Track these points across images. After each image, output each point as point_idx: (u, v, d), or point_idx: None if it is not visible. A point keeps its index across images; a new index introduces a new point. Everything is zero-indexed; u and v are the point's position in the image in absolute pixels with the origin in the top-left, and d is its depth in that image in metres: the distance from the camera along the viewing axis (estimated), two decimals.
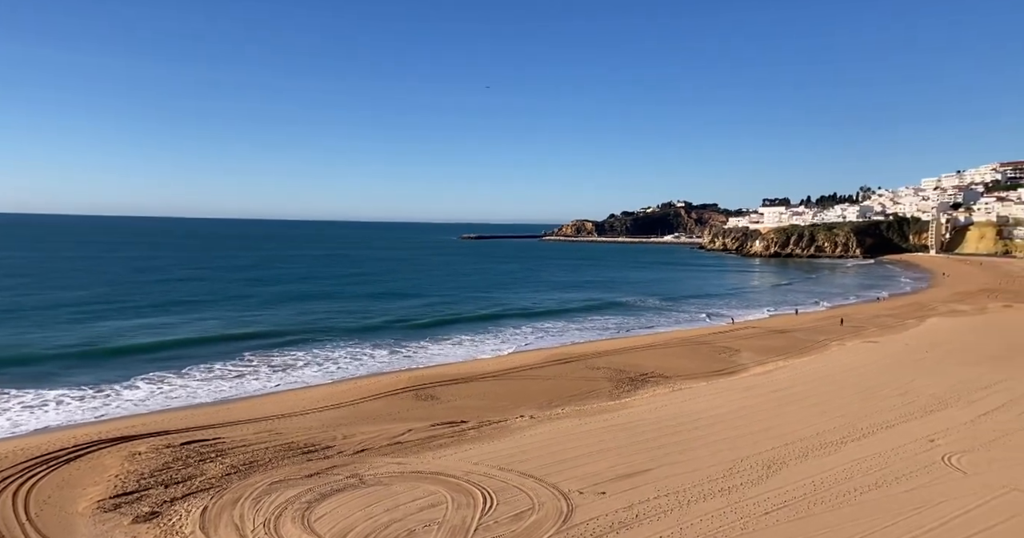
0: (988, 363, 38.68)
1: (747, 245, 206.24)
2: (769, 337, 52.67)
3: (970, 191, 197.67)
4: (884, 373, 36.66)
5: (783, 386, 34.11)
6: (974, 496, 18.76)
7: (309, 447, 24.39)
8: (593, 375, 38.45)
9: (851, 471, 20.99)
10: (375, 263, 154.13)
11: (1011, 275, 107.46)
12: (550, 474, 20.96)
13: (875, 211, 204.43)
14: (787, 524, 17.10)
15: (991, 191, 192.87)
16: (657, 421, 27.46)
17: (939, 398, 30.58)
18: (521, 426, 27.35)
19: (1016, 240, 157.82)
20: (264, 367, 42.10)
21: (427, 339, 54.20)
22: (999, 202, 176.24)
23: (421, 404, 32.13)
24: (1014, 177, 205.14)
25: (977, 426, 25.98)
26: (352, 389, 35.42)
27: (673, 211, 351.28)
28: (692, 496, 19.05)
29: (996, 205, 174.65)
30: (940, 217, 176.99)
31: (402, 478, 20.75)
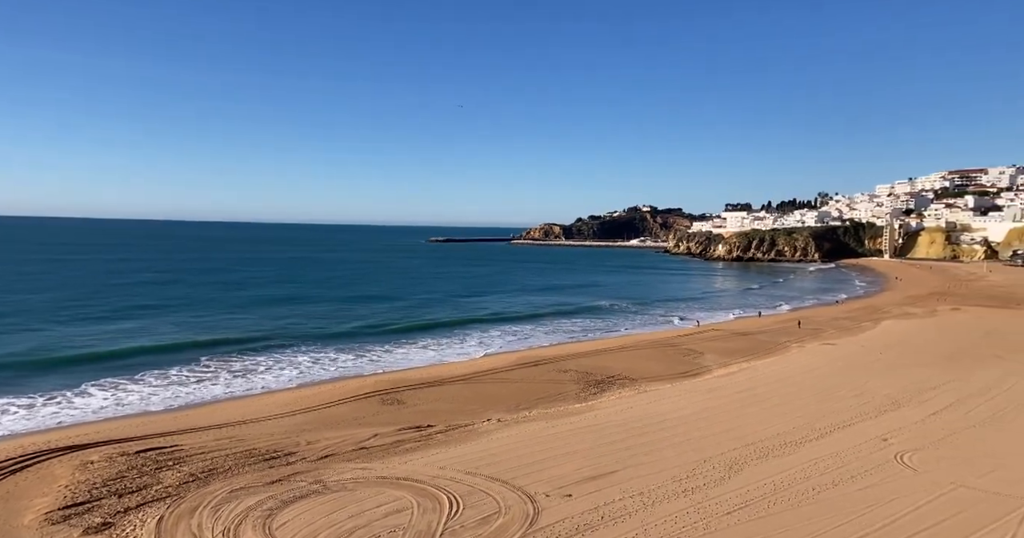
0: (938, 364, 40.21)
1: (711, 249, 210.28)
2: (732, 339, 53.76)
3: (921, 198, 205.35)
4: (841, 374, 37.78)
5: (745, 387, 34.85)
6: (924, 493, 19.47)
7: (271, 453, 23.92)
8: (561, 378, 38.66)
9: (809, 471, 21.57)
10: (342, 266, 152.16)
11: (959, 279, 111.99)
12: (517, 477, 20.99)
13: (832, 216, 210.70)
14: (747, 524, 17.47)
15: (940, 198, 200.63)
16: (623, 423, 27.76)
17: (892, 398, 31.65)
18: (489, 430, 27.32)
19: (963, 245, 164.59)
20: (224, 373, 41.09)
21: (394, 343, 53.71)
22: (947, 209, 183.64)
23: (388, 408, 31.83)
24: (960, 185, 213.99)
25: (927, 425, 26.98)
26: (317, 394, 34.87)
27: (639, 215, 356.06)
28: (656, 497, 19.32)
29: (945, 211, 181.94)
30: (893, 223, 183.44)
31: (367, 484, 20.51)
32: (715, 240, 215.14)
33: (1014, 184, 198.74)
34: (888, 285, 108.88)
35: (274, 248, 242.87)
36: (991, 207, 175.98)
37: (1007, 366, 39.24)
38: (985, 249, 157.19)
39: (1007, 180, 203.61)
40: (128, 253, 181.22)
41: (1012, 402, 30.74)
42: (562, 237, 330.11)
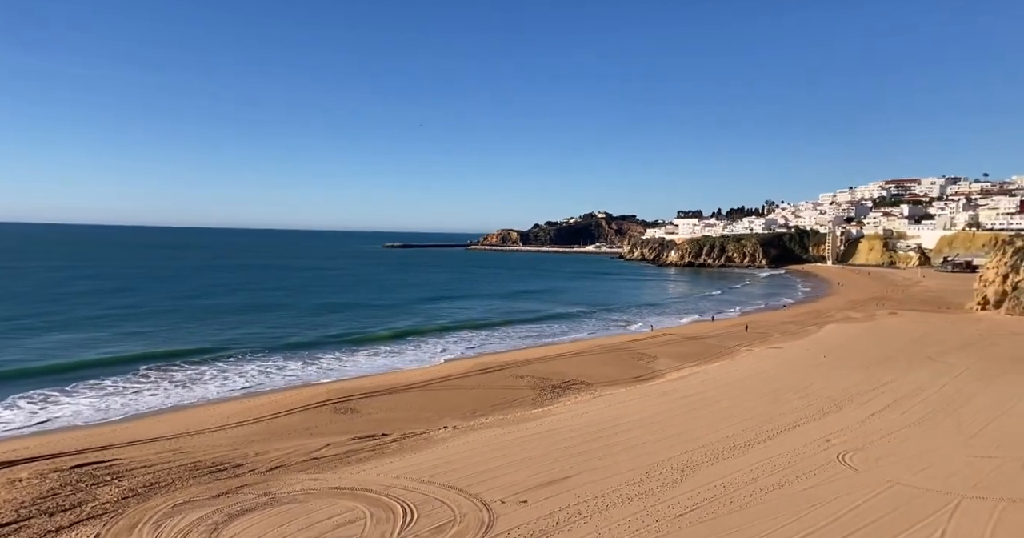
0: (876, 366, 42.04)
1: (663, 255, 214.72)
2: (684, 344, 54.93)
3: (861, 206, 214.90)
4: (787, 377, 39.06)
5: (696, 391, 35.64)
6: (863, 491, 20.28)
7: (218, 465, 23.11)
8: (517, 384, 38.71)
9: (757, 472, 22.19)
10: (292, 273, 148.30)
11: (896, 284, 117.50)
12: (472, 484, 20.88)
13: (779, 224, 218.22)
14: (698, 525, 17.83)
15: (878, 206, 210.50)
16: (578, 428, 27.98)
17: (835, 400, 32.90)
18: (444, 437, 27.11)
19: (899, 252, 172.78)
20: (165, 383, 39.47)
21: (347, 351, 52.78)
22: (885, 217, 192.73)
23: (341, 417, 31.21)
24: (897, 194, 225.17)
25: (866, 426, 28.14)
26: (266, 404, 33.91)
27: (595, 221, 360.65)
28: (611, 501, 19.51)
29: (883, 219, 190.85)
30: (835, 230, 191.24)
31: (318, 494, 20.04)
32: (668, 246, 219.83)
33: (944, 194, 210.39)
34: (831, 290, 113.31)
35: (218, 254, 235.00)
36: (924, 216, 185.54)
37: (938, 367, 41.33)
38: (919, 256, 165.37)
39: (938, 190, 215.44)
40: (75, 261, 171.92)
41: (942, 402, 32.38)
42: (519, 243, 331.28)
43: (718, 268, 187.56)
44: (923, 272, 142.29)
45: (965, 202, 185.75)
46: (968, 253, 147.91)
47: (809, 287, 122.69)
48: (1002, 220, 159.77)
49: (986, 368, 40.96)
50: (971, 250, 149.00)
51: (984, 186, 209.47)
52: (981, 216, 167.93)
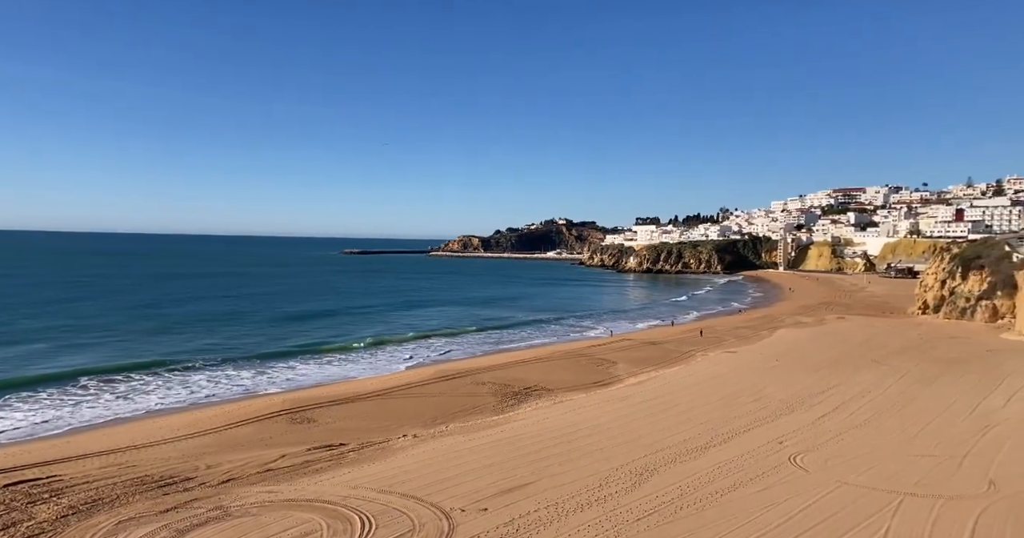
0: (825, 369, 43.50)
1: (623, 261, 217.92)
2: (642, 348, 55.74)
3: (810, 214, 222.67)
4: (741, 381, 40.03)
5: (654, 395, 36.18)
6: (813, 492, 20.92)
7: (166, 479, 22.28)
8: (478, 391, 38.57)
9: (713, 474, 22.64)
10: (246, 281, 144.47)
11: (843, 290, 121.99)
12: (432, 493, 20.68)
13: (733, 231, 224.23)
14: (656, 529, 18.07)
15: (827, 214, 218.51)
16: (539, 434, 28.04)
17: (787, 403, 33.88)
18: (404, 446, 26.79)
19: (846, 258, 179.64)
20: (106, 394, 37.69)
21: (303, 359, 51.65)
22: (833, 224, 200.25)
23: (297, 428, 30.50)
24: (844, 202, 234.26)
25: (817, 428, 29.06)
26: (219, 415, 32.88)
27: (555, 228, 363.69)
28: (570, 507, 19.60)
29: (831, 227, 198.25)
30: (787, 237, 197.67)
31: (273, 507, 19.52)
32: (627, 253, 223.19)
33: (887, 202, 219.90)
34: (782, 296, 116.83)
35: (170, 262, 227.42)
36: (869, 223, 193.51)
37: (883, 370, 43.03)
38: (865, 262, 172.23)
39: (882, 199, 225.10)
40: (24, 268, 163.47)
41: (887, 403, 33.71)
42: (481, 249, 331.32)
43: (675, 274, 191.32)
44: (868, 278, 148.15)
45: (907, 211, 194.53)
46: (910, 259, 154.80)
47: (761, 293, 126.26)
48: (940, 228, 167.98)
49: (926, 370, 42.85)
50: (912, 256, 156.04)
51: (924, 195, 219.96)
52: (921, 224, 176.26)
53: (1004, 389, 36.90)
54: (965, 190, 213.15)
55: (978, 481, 21.89)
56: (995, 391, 36.39)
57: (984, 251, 77.36)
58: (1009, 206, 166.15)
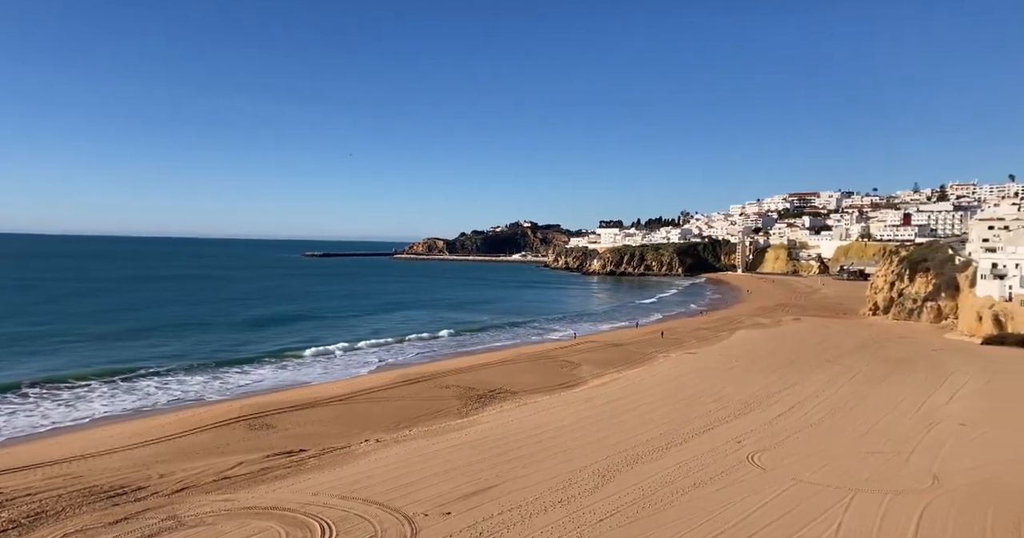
0: (782, 370, 44.72)
1: (587, 264, 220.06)
2: (606, 350, 56.34)
3: (767, 217, 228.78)
4: (702, 381, 40.83)
5: (617, 397, 36.60)
6: (770, 490, 21.47)
7: (116, 490, 21.50)
8: (442, 394, 38.36)
9: (674, 474, 23.02)
10: (209, 285, 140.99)
11: (799, 291, 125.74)
12: (395, 499, 20.48)
13: (694, 234, 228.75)
14: (618, 530, 18.27)
15: (783, 218, 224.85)
16: (503, 437, 28.05)
17: (745, 403, 34.69)
18: (366, 451, 26.46)
19: (802, 261, 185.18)
20: (47, 402, 36.25)
21: (262, 364, 50.58)
22: (789, 228, 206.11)
23: (255, 434, 29.81)
24: (799, 206, 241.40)
25: (774, 427, 29.84)
26: (173, 422, 31.89)
27: (520, 231, 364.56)
28: (534, 509, 19.66)
29: (787, 230, 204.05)
30: (745, 240, 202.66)
31: (230, 516, 19.03)
32: (591, 255, 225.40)
33: (840, 207, 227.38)
34: (741, 297, 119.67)
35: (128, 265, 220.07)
36: (823, 227, 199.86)
37: (836, 369, 44.47)
38: (819, 264, 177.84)
39: (835, 203, 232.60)
40: None
41: (839, 402, 34.86)
42: (446, 252, 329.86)
43: (638, 276, 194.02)
44: (822, 280, 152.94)
45: (858, 215, 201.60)
46: (861, 262, 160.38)
47: (720, 295, 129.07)
48: (889, 232, 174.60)
49: (876, 370, 44.45)
50: (864, 259, 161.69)
51: (874, 200, 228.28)
52: (872, 228, 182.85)
53: (947, 387, 38.57)
54: (912, 195, 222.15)
55: (923, 476, 22.82)
56: (939, 389, 38.00)
57: (929, 254, 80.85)
58: (952, 211, 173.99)
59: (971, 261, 68.16)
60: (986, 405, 34.06)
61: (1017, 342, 53.23)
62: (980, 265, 63.20)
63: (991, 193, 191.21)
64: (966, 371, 43.26)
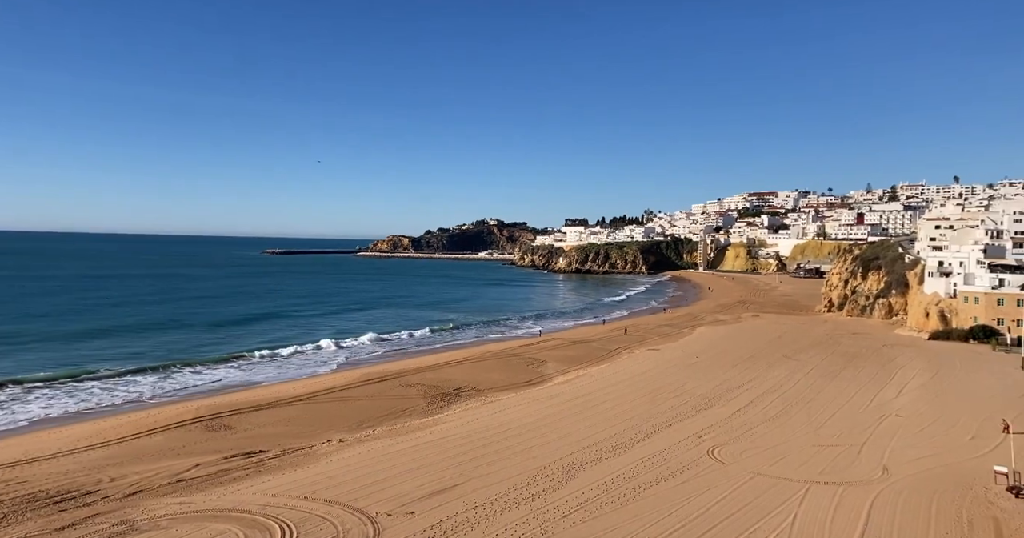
0: (741, 365, 45.74)
1: (553, 262, 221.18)
2: (571, 347, 56.71)
3: (728, 216, 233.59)
4: (664, 377, 41.47)
5: (582, 393, 36.88)
6: (730, 483, 21.94)
7: (64, 494, 20.67)
8: (407, 393, 38.02)
9: (636, 470, 23.32)
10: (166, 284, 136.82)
11: (758, 289, 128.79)
12: (357, 499, 20.21)
13: (657, 232, 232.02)
14: (582, 525, 18.41)
15: (743, 216, 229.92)
16: (468, 435, 27.96)
17: (706, 398, 35.37)
18: (328, 451, 26.05)
19: (760, 259, 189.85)
20: None
21: (220, 364, 49.35)
22: (748, 226, 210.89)
23: (213, 435, 29.03)
24: (758, 205, 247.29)
25: (733, 421, 30.50)
26: (126, 424, 30.81)
27: (487, 228, 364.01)
28: (498, 507, 19.65)
29: (746, 229, 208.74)
30: (706, 238, 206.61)
31: (185, 519, 18.50)
32: (557, 253, 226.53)
33: (797, 206, 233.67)
34: (702, 295, 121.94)
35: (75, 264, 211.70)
36: (781, 226, 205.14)
37: (793, 365, 45.72)
38: (777, 262, 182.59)
39: (792, 202, 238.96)
40: None
41: (796, 397, 35.85)
42: (411, 249, 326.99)
43: (603, 274, 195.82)
44: (780, 277, 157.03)
45: (814, 214, 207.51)
46: (817, 260, 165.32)
47: (683, 292, 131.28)
48: (843, 230, 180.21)
49: (831, 365, 45.86)
50: (819, 257, 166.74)
51: (829, 200, 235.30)
52: (827, 227, 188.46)
53: (897, 381, 40.05)
54: (865, 195, 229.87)
55: (874, 467, 23.65)
56: (889, 383, 39.43)
57: (881, 253, 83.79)
58: (902, 210, 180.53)
59: (920, 259, 70.92)
60: (932, 398, 35.49)
61: (961, 337, 55.62)
62: (927, 263, 65.81)
63: (938, 194, 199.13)
64: (914, 366, 44.99)
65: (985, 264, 58.87)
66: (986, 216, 75.16)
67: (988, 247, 61.81)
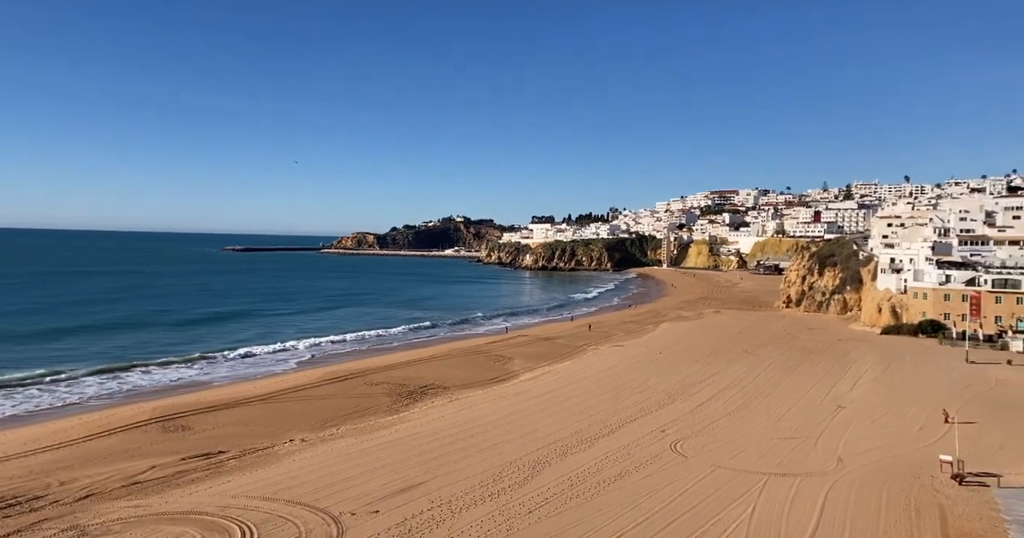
0: (703, 361, 46.64)
1: (519, 259, 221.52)
2: (538, 344, 56.94)
3: (690, 214, 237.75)
4: (629, 373, 41.99)
5: (548, 390, 37.08)
6: (692, 476, 22.36)
7: (8, 500, 19.84)
8: (372, 391, 37.61)
9: (601, 464, 23.57)
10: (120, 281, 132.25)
11: (720, 285, 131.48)
12: (321, 498, 19.92)
13: (622, 229, 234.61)
14: (547, 520, 18.52)
15: (705, 214, 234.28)
16: (434, 433, 27.83)
17: (669, 393, 35.96)
18: (291, 451, 25.60)
19: (722, 256, 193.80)
20: None
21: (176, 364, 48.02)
22: (710, 224, 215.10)
23: (170, 436, 28.22)
24: (720, 203, 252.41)
25: (695, 415, 31.09)
26: (76, 426, 29.71)
27: (453, 225, 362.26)
28: (464, 504, 19.62)
29: (708, 226, 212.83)
30: (670, 236, 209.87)
31: (140, 523, 17.95)
32: (523, 250, 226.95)
33: (757, 204, 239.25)
34: (666, 291, 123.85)
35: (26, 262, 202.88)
36: (741, 223, 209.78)
37: (753, 360, 46.83)
38: (738, 259, 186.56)
39: (752, 201, 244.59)
40: None
41: (755, 391, 36.73)
42: (376, 246, 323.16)
43: (569, 271, 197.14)
44: (741, 274, 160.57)
45: (773, 212, 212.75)
46: (776, 257, 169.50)
47: (647, 289, 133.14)
48: (801, 228, 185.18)
49: (789, 359, 47.14)
50: (779, 254, 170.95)
51: (788, 198, 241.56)
52: (786, 224, 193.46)
53: (851, 375, 41.40)
54: (822, 194, 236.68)
55: (829, 459, 24.42)
56: (844, 377, 40.74)
57: (837, 250, 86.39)
58: (856, 209, 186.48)
59: (873, 256, 73.39)
60: (883, 391, 36.81)
61: (911, 331, 57.82)
62: (880, 260, 68.16)
63: (890, 193, 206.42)
64: (867, 360, 46.57)
65: (933, 261, 61.26)
66: (934, 215, 78.34)
67: (936, 244, 64.32)
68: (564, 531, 17.76)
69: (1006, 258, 58.33)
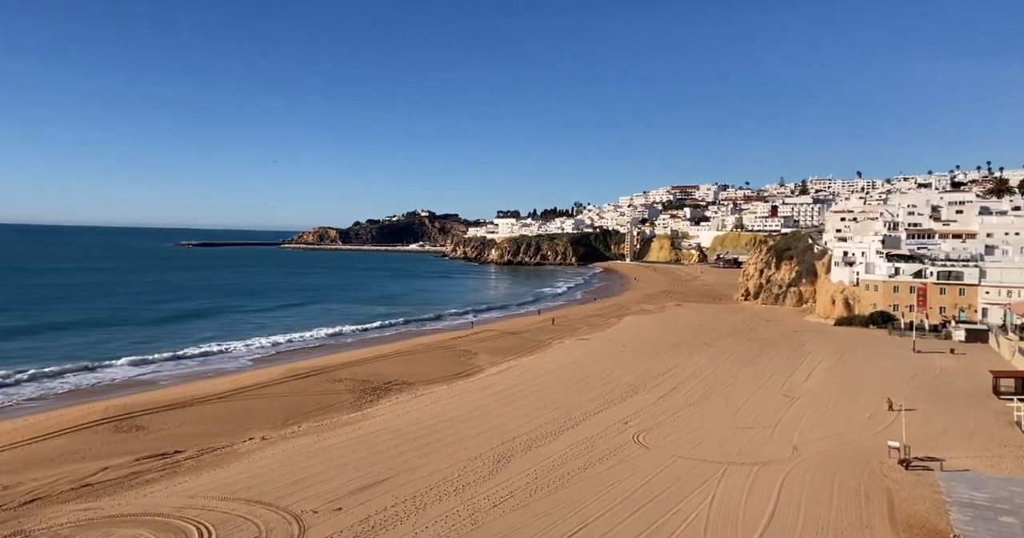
0: (665, 353, 47.45)
1: (485, 254, 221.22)
2: (503, 339, 57.03)
3: (653, 209, 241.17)
4: (593, 366, 42.44)
5: (513, 384, 37.20)
6: (653, 467, 22.76)
7: None
8: (335, 388, 37.10)
9: (565, 457, 23.78)
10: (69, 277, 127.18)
11: (681, 279, 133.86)
12: (282, 497, 19.59)
13: (586, 224, 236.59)
14: (512, 514, 18.61)
15: (667, 209, 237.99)
16: (398, 429, 27.63)
17: (632, 385, 36.48)
18: (251, 449, 25.08)
19: (683, 250, 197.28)
20: None
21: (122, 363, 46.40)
22: (672, 218, 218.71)
23: (123, 437, 27.34)
24: (681, 198, 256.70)
25: (657, 407, 31.63)
26: (20, 427, 28.50)
27: (418, 220, 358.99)
28: (428, 500, 19.56)
29: (670, 221, 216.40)
30: (633, 230, 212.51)
31: (91, 526, 17.36)
32: (489, 245, 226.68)
33: (717, 199, 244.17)
34: (629, 285, 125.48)
35: None
36: (702, 218, 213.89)
37: (713, 352, 47.87)
38: (699, 253, 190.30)
39: (712, 196, 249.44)
40: None
41: (715, 382, 37.57)
42: (339, 241, 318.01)
43: (534, 266, 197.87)
44: (702, 268, 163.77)
45: (733, 207, 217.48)
46: (735, 251, 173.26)
47: (610, 283, 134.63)
48: (759, 222, 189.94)
49: (747, 351, 48.34)
50: (738, 248, 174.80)
51: (746, 193, 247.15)
52: (744, 219, 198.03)
53: (806, 366, 42.71)
54: (779, 189, 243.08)
55: (785, 447, 25.16)
56: (799, 368, 42.01)
57: (793, 243, 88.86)
58: (812, 204, 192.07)
59: (827, 250, 75.72)
60: (836, 381, 38.10)
61: (862, 322, 59.95)
62: (834, 253, 70.37)
63: (843, 188, 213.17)
64: (821, 351, 48.10)
65: (883, 254, 63.56)
66: (884, 209, 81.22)
67: (886, 238, 66.74)
68: (529, 523, 17.87)
69: (950, 251, 60.87)
